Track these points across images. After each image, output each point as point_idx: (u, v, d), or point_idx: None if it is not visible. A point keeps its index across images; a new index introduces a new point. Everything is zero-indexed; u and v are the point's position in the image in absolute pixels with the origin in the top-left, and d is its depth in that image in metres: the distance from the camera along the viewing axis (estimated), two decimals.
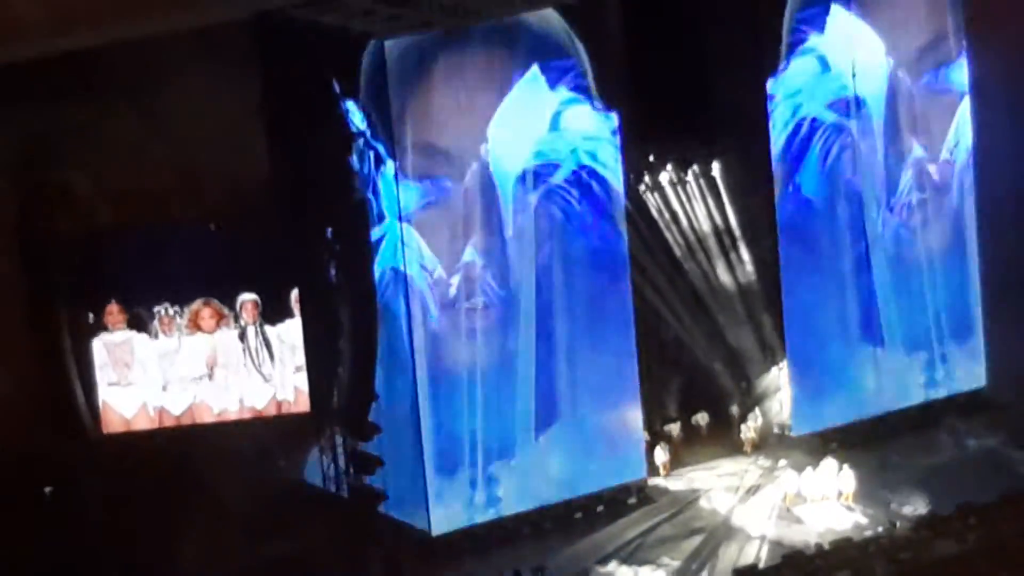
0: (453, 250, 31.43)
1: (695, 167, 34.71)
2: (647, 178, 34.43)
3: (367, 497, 31.49)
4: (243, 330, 33.02)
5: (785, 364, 35.20)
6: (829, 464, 33.11)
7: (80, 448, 32.61)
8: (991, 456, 33.77)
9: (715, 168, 34.78)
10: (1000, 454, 33.69)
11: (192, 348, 32.95)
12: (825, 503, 32.46)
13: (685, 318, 35.30)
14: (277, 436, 32.78)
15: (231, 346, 33.04)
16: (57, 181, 32.58)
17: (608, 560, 31.09)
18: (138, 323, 32.88)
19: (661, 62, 34.26)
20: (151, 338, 32.88)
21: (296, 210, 32.03)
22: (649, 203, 34.51)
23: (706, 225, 35.02)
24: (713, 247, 35.10)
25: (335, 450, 32.04)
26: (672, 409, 35.69)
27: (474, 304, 31.79)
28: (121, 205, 32.74)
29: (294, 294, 32.77)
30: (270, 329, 33.10)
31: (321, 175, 31.51)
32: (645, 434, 33.92)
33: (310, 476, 33.00)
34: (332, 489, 32.21)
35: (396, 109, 30.52)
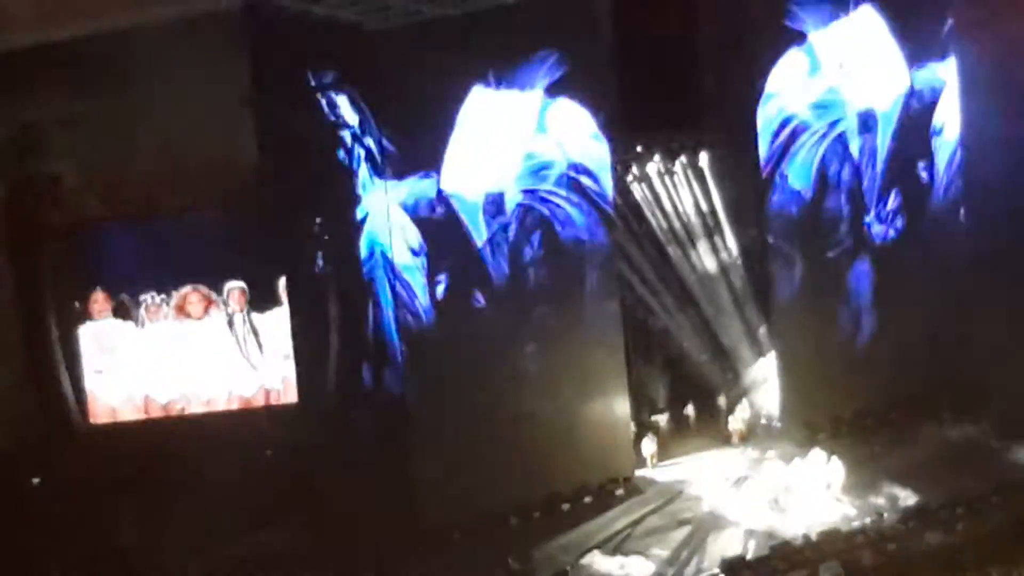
0: (438, 239, 31.43)
1: (683, 158, 34.80)
2: (634, 169, 34.52)
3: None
4: (231, 318, 32.95)
5: (772, 355, 35.21)
6: (817, 455, 33.11)
7: (67, 437, 32.54)
8: (979, 447, 33.75)
9: (702, 159, 34.86)
10: (988, 446, 33.66)
11: (179, 336, 32.85)
12: (813, 494, 32.43)
13: (672, 310, 35.29)
14: (265, 424, 32.74)
15: (218, 334, 32.94)
16: (43, 171, 32.48)
17: (595, 551, 31.02)
18: (124, 311, 32.83)
19: (649, 54, 34.29)
20: (137, 326, 32.82)
21: (283, 199, 31.98)
22: (636, 195, 34.54)
23: (693, 217, 35.04)
24: (700, 239, 35.11)
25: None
26: (659, 400, 35.72)
27: (461, 294, 31.79)
28: (107, 194, 32.66)
29: (282, 282, 32.72)
30: (257, 317, 33.06)
31: (308, 163, 31.48)
32: (632, 425, 33.93)
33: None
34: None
35: (383, 97, 30.58)
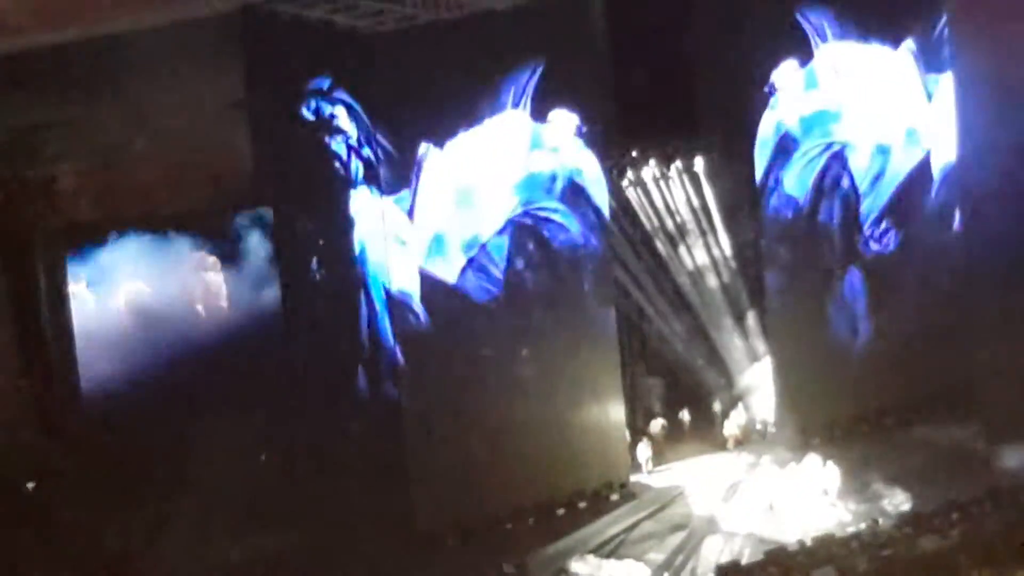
0: (433, 243, 31.38)
1: (678, 163, 34.71)
2: (629, 174, 34.42)
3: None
4: None
5: (768, 361, 35.20)
6: (812, 460, 33.11)
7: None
8: (974, 453, 33.76)
9: (698, 164, 34.79)
10: (983, 451, 33.66)
11: None
12: (808, 499, 32.45)
13: (667, 315, 35.27)
14: None
15: None
16: (38, 174, 32.45)
17: (590, 556, 30.98)
18: None
19: (643, 58, 34.27)
20: None
21: (278, 202, 32.04)
22: (631, 200, 34.51)
23: (689, 222, 35.01)
24: (695, 244, 35.08)
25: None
26: (654, 406, 35.60)
27: (457, 299, 31.75)
28: (102, 198, 32.64)
29: None
30: None
31: (302, 167, 31.48)
32: (627, 431, 33.88)
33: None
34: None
35: (379, 102, 30.58)
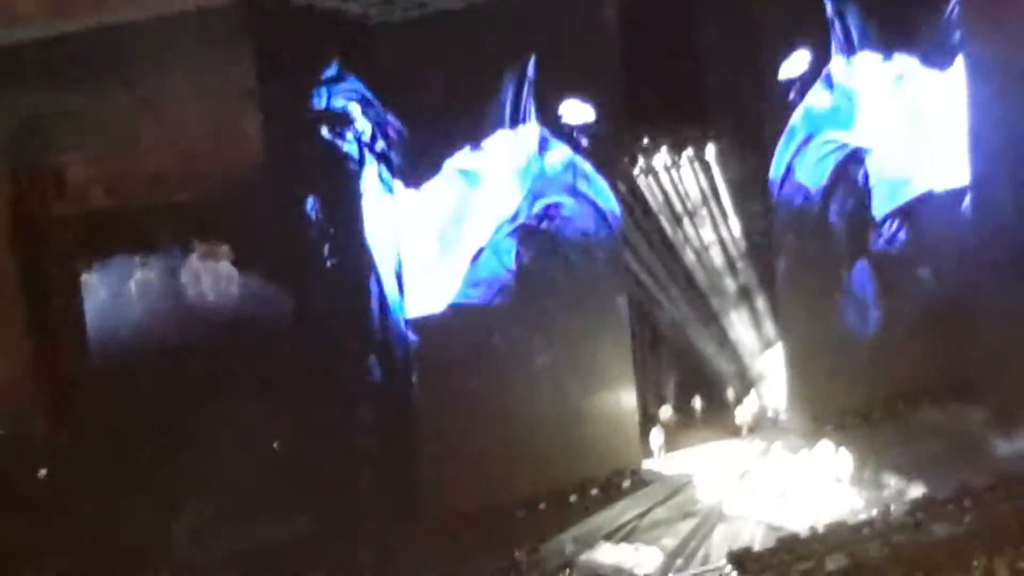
0: (445, 231, 31.43)
1: (689, 151, 34.68)
2: (641, 162, 34.42)
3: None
4: None
5: (780, 347, 35.16)
6: (824, 447, 33.09)
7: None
8: (986, 439, 33.73)
9: (709, 152, 34.76)
10: (994, 437, 33.63)
11: None
12: (820, 486, 32.42)
13: (679, 302, 35.25)
14: None
15: None
16: (47, 162, 32.47)
17: (602, 543, 31.04)
18: None
19: (655, 46, 34.22)
20: None
21: (288, 189, 32.09)
22: (643, 187, 34.49)
23: (700, 209, 34.98)
24: (707, 231, 35.06)
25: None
26: (666, 393, 35.62)
27: (469, 288, 31.84)
28: (111, 186, 32.64)
29: None
30: None
31: (313, 154, 31.53)
32: (639, 417, 33.90)
33: None
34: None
35: (390, 90, 30.61)
